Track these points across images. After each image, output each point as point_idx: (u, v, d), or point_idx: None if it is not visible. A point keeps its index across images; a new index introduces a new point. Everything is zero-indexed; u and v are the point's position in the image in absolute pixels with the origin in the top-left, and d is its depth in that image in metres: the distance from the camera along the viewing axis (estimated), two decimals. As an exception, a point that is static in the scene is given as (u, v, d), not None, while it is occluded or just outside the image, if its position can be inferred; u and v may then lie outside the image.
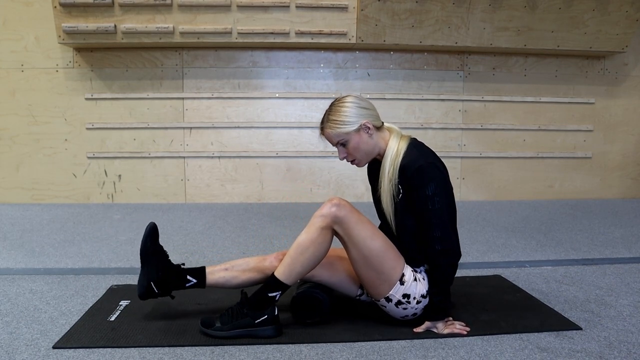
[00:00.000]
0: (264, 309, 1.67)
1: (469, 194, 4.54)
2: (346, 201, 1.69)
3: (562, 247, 2.89)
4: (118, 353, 1.56)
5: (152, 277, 1.75)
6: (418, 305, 1.71)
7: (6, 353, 1.56)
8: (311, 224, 1.67)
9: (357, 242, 1.65)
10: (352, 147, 1.74)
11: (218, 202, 4.35)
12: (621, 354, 1.57)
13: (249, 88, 4.32)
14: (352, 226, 1.64)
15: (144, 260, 1.77)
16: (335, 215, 1.64)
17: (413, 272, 1.72)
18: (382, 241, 1.68)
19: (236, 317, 1.68)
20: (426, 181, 1.64)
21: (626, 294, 2.12)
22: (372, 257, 1.65)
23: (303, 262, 1.65)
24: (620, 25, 4.10)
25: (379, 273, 1.67)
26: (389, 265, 1.67)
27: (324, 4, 3.89)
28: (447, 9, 3.90)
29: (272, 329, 1.67)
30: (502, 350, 1.60)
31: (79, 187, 4.28)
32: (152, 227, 1.79)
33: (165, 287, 1.77)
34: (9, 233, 3.19)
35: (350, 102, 1.73)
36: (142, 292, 1.76)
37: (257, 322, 1.66)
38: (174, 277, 1.78)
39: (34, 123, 4.20)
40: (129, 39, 3.87)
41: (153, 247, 1.78)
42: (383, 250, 1.67)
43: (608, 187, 4.67)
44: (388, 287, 1.68)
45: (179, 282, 1.78)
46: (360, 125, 1.71)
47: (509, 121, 4.50)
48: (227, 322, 1.68)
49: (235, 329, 1.67)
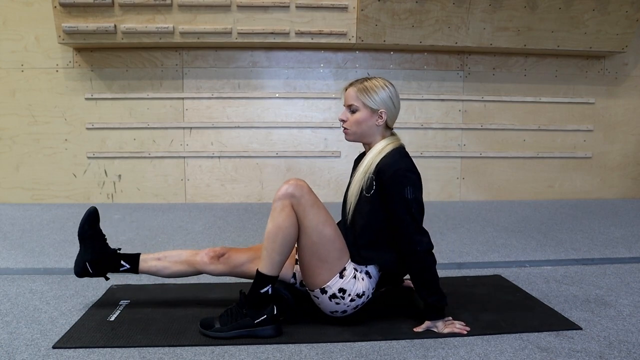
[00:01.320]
0: (261, 307, 1.68)
1: (469, 194, 4.54)
2: (304, 182, 1.70)
3: (562, 247, 2.89)
4: (118, 353, 1.56)
5: (87, 258, 1.86)
6: (351, 303, 1.71)
7: (6, 353, 1.56)
8: (273, 209, 1.67)
9: (309, 226, 1.65)
10: (356, 119, 1.76)
11: (218, 202, 4.35)
12: (621, 353, 1.57)
13: (249, 88, 4.32)
14: (307, 208, 1.65)
15: (81, 241, 1.88)
16: (292, 194, 1.65)
17: (354, 269, 1.72)
18: (333, 230, 1.70)
19: (235, 317, 1.68)
20: (405, 185, 1.66)
21: (626, 294, 2.12)
22: (321, 243, 1.67)
23: (277, 250, 1.65)
24: (620, 25, 4.10)
25: (322, 261, 1.68)
26: (334, 255, 1.69)
27: (324, 4, 3.89)
28: (447, 9, 3.90)
29: (271, 329, 1.67)
30: (502, 350, 1.60)
31: (79, 187, 4.28)
32: (91, 212, 1.90)
33: (100, 269, 1.87)
34: (9, 233, 3.19)
35: (389, 89, 1.77)
36: (77, 271, 1.87)
37: (256, 322, 1.67)
38: (109, 261, 1.87)
39: (34, 123, 4.20)
40: (129, 39, 3.87)
41: (91, 231, 1.88)
42: (332, 239, 1.68)
43: (608, 187, 4.67)
44: (327, 277, 1.68)
45: (113, 266, 1.87)
46: (378, 110, 1.74)
47: (509, 121, 4.50)
48: (227, 323, 1.68)
49: (234, 329, 1.67)
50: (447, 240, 3.03)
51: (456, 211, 3.96)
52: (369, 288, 1.73)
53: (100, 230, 1.92)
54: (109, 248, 1.90)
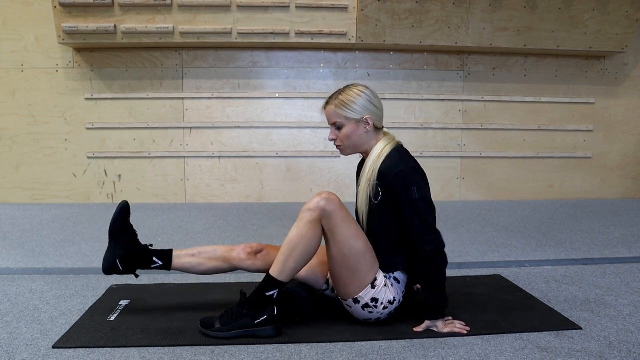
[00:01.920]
0: (263, 309, 1.67)
1: (469, 194, 4.54)
2: (336, 196, 1.68)
3: (562, 247, 2.89)
4: (118, 353, 1.56)
5: (118, 254, 1.78)
6: (384, 310, 1.72)
7: (6, 353, 1.56)
8: (300, 218, 1.66)
9: (340, 240, 1.65)
10: (344, 134, 1.75)
11: (218, 202, 4.35)
12: (621, 353, 1.57)
13: (249, 88, 4.32)
14: (338, 223, 1.64)
15: (112, 237, 1.80)
16: (324, 209, 1.64)
17: (385, 277, 1.72)
18: (364, 243, 1.69)
19: (235, 317, 1.68)
20: (410, 185, 1.65)
21: (626, 294, 2.12)
22: (352, 256, 1.66)
23: (295, 258, 1.65)
24: (620, 25, 4.10)
25: (353, 273, 1.67)
26: (365, 268, 1.68)
27: (324, 4, 3.89)
28: (447, 9, 3.90)
29: (272, 329, 1.67)
30: (502, 350, 1.60)
31: (79, 187, 4.28)
32: (124, 206, 1.82)
33: (131, 266, 1.80)
34: (9, 233, 3.19)
35: (364, 93, 1.75)
36: (106, 267, 1.79)
37: (256, 322, 1.66)
38: (140, 257, 1.80)
39: (34, 123, 4.20)
40: (129, 39, 3.87)
41: (122, 226, 1.81)
42: (363, 252, 1.67)
43: (608, 187, 4.67)
44: (359, 288, 1.69)
45: (144, 263, 1.80)
46: (362, 118, 1.73)
47: (509, 121, 4.50)
48: (227, 323, 1.67)
49: (234, 329, 1.66)
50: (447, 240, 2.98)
51: (456, 211, 3.96)
52: (398, 293, 1.74)
53: (132, 225, 1.85)
54: (140, 244, 1.84)
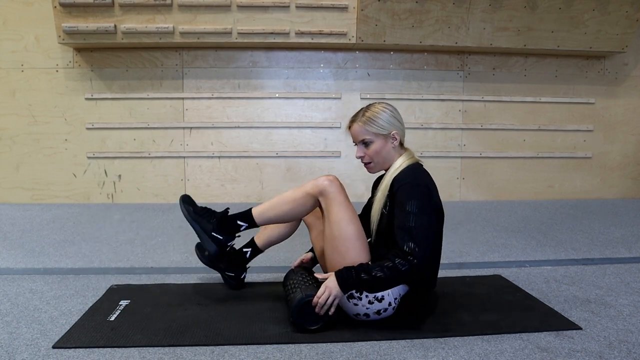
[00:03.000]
0: (226, 231, 1.87)
1: (469, 194, 4.54)
2: (340, 182, 1.81)
3: (562, 247, 2.89)
4: (118, 353, 1.56)
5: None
6: (370, 306, 1.71)
7: (6, 353, 1.56)
8: (302, 185, 1.84)
9: (333, 220, 1.73)
10: (374, 150, 1.80)
11: (218, 202, 4.35)
12: (621, 353, 1.57)
13: (249, 88, 4.32)
14: (335, 204, 1.75)
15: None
16: (324, 188, 1.77)
17: None
18: (356, 229, 1.74)
19: (207, 217, 1.89)
20: (409, 197, 1.66)
21: (626, 294, 2.12)
22: (342, 239, 1.72)
23: (278, 212, 1.85)
24: (620, 25, 4.10)
25: (342, 257, 1.72)
26: (353, 254, 1.71)
27: (324, 4, 3.89)
28: (447, 9, 3.90)
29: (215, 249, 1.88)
30: (502, 350, 1.60)
31: (79, 187, 4.28)
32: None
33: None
34: (9, 233, 3.19)
35: (389, 110, 1.81)
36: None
37: (212, 233, 1.87)
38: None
39: (34, 123, 4.20)
40: (129, 39, 3.87)
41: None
42: (353, 238, 1.72)
43: (608, 187, 4.67)
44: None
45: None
46: (390, 133, 1.78)
47: (509, 121, 4.50)
48: (200, 213, 1.90)
49: (196, 222, 1.89)
50: (447, 240, 3.02)
51: (456, 211, 3.96)
52: (389, 295, 1.73)
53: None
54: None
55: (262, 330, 1.72)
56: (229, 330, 1.72)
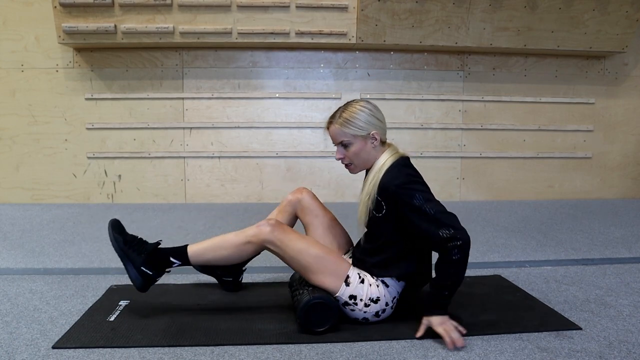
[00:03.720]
0: (156, 266, 1.75)
1: (469, 194, 4.54)
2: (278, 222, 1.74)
3: (562, 247, 2.89)
4: (118, 353, 1.56)
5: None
6: (367, 309, 1.71)
7: (6, 353, 1.56)
8: (245, 231, 1.75)
9: (294, 256, 1.71)
10: (353, 152, 1.74)
11: (218, 202, 4.35)
12: (621, 353, 1.57)
13: (249, 88, 4.32)
14: (285, 245, 1.71)
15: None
16: (266, 238, 1.71)
17: (358, 275, 1.72)
18: (319, 249, 1.72)
19: (137, 248, 1.76)
20: (411, 195, 1.62)
21: (626, 294, 2.12)
22: (312, 264, 1.70)
23: (217, 256, 1.76)
24: (620, 25, 4.10)
25: (323, 274, 1.70)
26: (331, 267, 1.70)
27: (324, 4, 3.89)
28: (447, 9, 3.90)
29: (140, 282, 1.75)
30: (502, 350, 1.60)
31: (79, 187, 4.28)
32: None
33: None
34: (9, 233, 3.19)
35: (367, 109, 1.74)
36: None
37: (141, 268, 1.74)
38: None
39: (34, 123, 4.20)
40: (129, 39, 3.87)
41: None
42: (321, 256, 1.71)
43: (608, 187, 4.67)
44: (335, 286, 1.70)
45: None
46: (369, 133, 1.72)
47: (509, 121, 4.50)
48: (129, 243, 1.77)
49: (124, 252, 1.76)
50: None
51: (456, 211, 3.91)
52: (385, 295, 1.73)
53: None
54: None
55: (262, 330, 1.72)
56: (229, 330, 1.72)
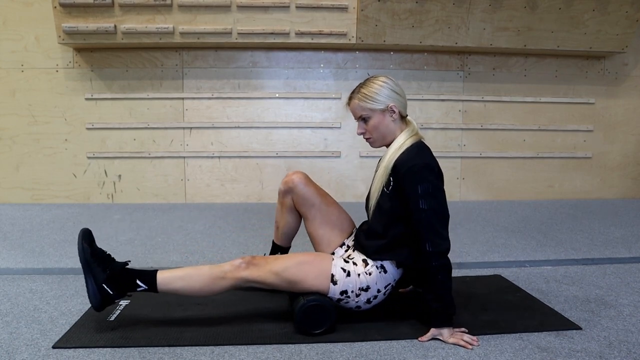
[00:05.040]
0: (119, 288, 1.65)
1: (469, 194, 4.54)
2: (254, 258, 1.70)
3: (562, 247, 2.90)
4: (118, 353, 1.56)
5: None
6: (359, 298, 1.72)
7: (6, 353, 1.56)
8: (222, 266, 1.69)
9: (273, 283, 1.69)
10: (372, 125, 1.75)
11: (218, 202, 4.35)
12: (621, 353, 1.57)
13: (249, 88, 4.32)
14: (261, 280, 1.69)
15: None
16: (242, 277, 1.68)
17: (342, 269, 1.71)
18: (294, 262, 1.70)
19: (103, 264, 1.65)
20: (418, 181, 1.64)
21: (626, 294, 2.12)
22: (293, 277, 1.68)
23: (186, 286, 1.68)
24: (620, 25, 4.10)
25: (309, 282, 1.69)
26: (314, 272, 1.69)
27: (324, 4, 3.89)
28: (447, 9, 3.90)
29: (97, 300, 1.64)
30: (502, 350, 1.60)
31: (79, 187, 4.28)
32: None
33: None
34: (9, 233, 3.19)
35: (385, 82, 1.75)
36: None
37: (103, 285, 1.64)
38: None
39: (34, 123, 4.20)
40: (129, 39, 3.87)
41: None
42: (301, 264, 1.69)
43: (608, 187, 4.67)
44: (323, 290, 1.71)
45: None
46: (387, 106, 1.73)
47: (509, 121, 4.50)
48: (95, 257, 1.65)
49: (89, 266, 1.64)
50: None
51: (456, 211, 3.96)
52: (378, 282, 1.73)
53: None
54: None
55: (262, 330, 1.72)
56: (229, 330, 1.72)
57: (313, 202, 1.93)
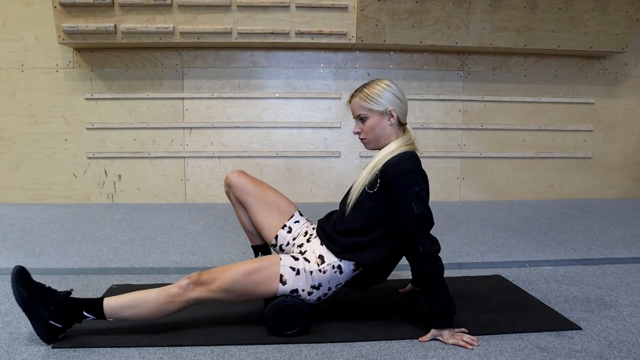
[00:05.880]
0: (66, 319, 1.60)
1: (469, 194, 4.54)
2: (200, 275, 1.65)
3: (562, 247, 2.90)
4: (118, 353, 1.56)
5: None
6: (311, 296, 1.71)
7: (6, 353, 1.56)
8: (167, 289, 1.64)
9: (224, 298, 1.67)
10: (368, 126, 1.76)
11: (218, 202, 4.35)
12: (621, 353, 1.57)
13: (249, 88, 4.32)
14: (212, 296, 1.65)
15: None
16: (190, 297, 1.64)
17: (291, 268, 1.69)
18: (243, 273, 1.65)
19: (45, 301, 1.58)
20: (409, 184, 1.63)
21: (626, 294, 2.12)
22: (245, 287, 1.65)
23: (134, 313, 1.64)
24: (620, 25, 4.10)
25: (260, 287, 1.67)
26: (263, 277, 1.66)
27: (324, 4, 3.89)
28: (447, 9, 3.90)
29: (46, 336, 1.59)
30: (502, 350, 1.60)
31: (79, 187, 4.28)
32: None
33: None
34: (9, 233, 3.19)
35: (389, 86, 1.76)
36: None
37: (50, 322, 1.58)
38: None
39: (34, 123, 4.20)
40: (129, 39, 3.87)
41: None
42: (249, 281, 1.65)
43: (608, 187, 4.67)
44: (273, 290, 1.68)
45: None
46: (386, 109, 1.74)
47: (509, 121, 4.50)
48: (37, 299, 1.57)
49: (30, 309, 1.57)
50: (447, 240, 3.03)
51: (456, 211, 3.96)
52: (331, 281, 1.71)
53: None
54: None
55: (262, 330, 1.72)
56: (229, 330, 1.73)
57: (247, 190, 1.96)
